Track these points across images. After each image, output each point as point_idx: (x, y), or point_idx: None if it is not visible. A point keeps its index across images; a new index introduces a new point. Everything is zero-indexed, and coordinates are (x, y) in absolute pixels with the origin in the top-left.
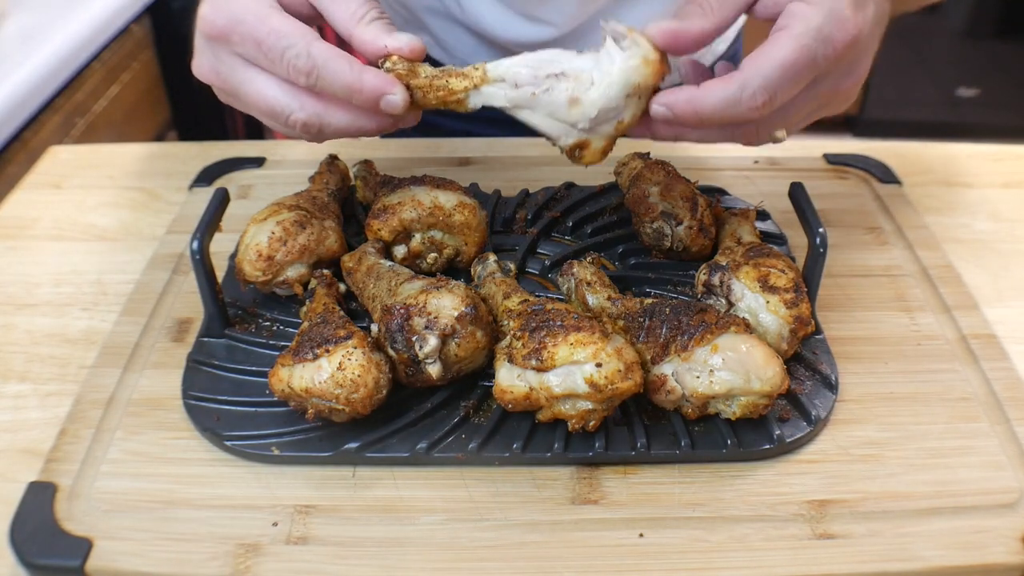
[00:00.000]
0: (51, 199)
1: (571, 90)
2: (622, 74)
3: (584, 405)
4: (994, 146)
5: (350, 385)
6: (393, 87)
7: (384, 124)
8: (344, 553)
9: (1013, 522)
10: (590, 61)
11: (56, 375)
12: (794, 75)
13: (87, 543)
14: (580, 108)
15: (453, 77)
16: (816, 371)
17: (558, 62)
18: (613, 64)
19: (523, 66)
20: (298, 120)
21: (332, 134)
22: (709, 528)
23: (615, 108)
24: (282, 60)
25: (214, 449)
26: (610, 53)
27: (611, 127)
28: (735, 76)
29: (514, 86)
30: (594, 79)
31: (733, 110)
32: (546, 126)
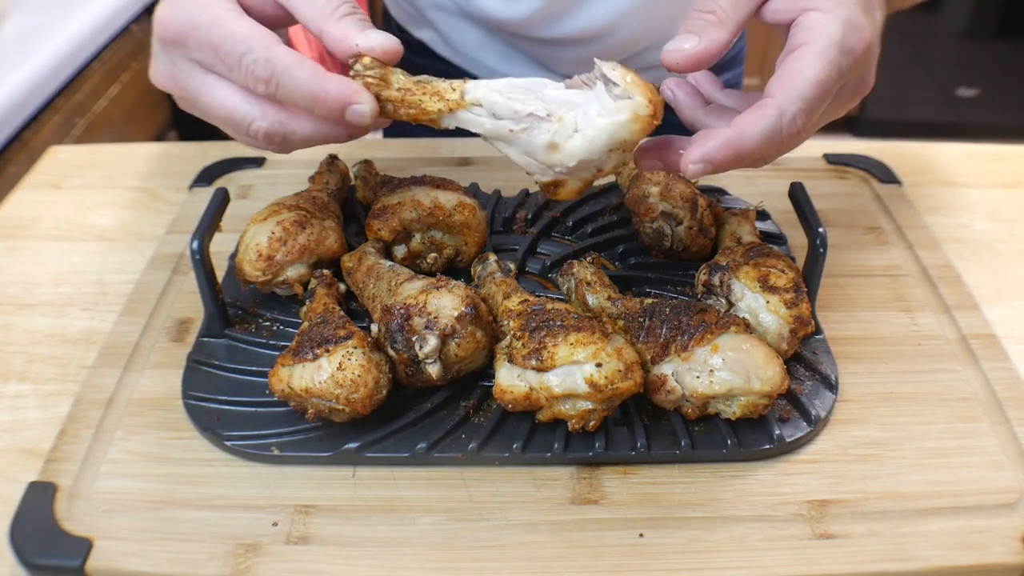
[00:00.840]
0: (51, 199)
1: (552, 134)
2: (608, 130)
3: (584, 405)
4: (994, 146)
5: (350, 385)
6: (359, 96)
7: (353, 132)
8: (344, 553)
9: (1013, 522)
10: (578, 98)
11: (56, 375)
12: (826, 92)
13: (87, 543)
14: (558, 155)
15: (428, 96)
16: (816, 371)
17: (542, 96)
18: (600, 116)
19: (503, 95)
20: (260, 129)
21: (297, 144)
22: (709, 528)
23: (596, 160)
24: (240, 66)
25: (214, 449)
26: (599, 99)
27: (589, 174)
28: (768, 104)
29: (491, 115)
30: (578, 125)
31: (774, 140)
32: (522, 162)
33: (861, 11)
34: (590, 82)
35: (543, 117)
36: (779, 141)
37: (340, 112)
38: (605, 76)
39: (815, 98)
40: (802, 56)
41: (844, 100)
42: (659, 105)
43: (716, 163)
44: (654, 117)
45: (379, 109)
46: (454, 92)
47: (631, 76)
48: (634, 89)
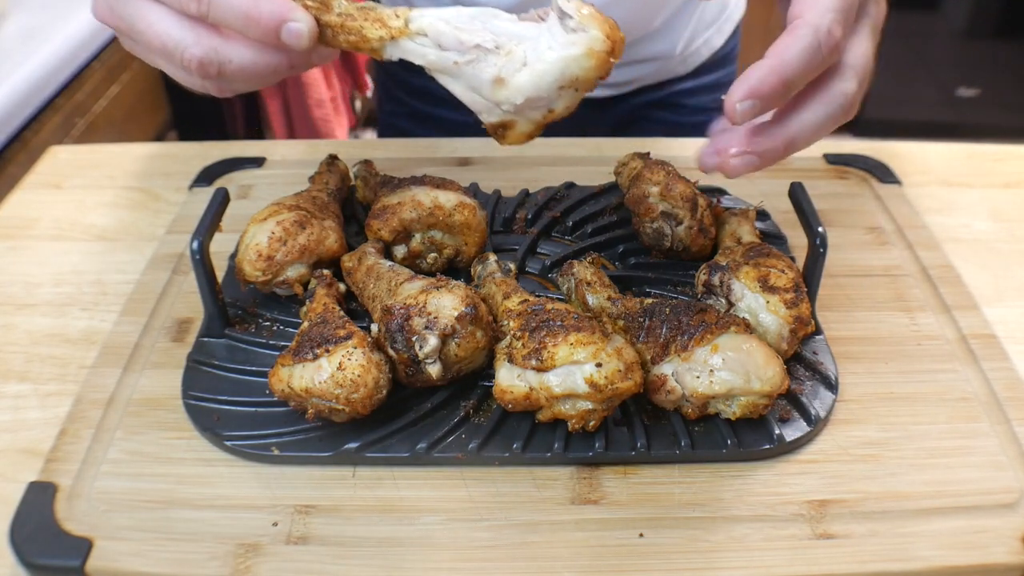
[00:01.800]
0: (51, 199)
1: (499, 68)
2: (558, 64)
3: (584, 405)
4: (994, 146)
5: (350, 385)
6: (294, 13)
7: (294, 61)
8: (344, 553)
9: (1013, 522)
10: (530, 31)
11: (56, 375)
12: (851, 2)
13: (87, 543)
14: (505, 91)
15: (369, 22)
16: (816, 371)
17: (491, 27)
18: (551, 49)
19: (450, 24)
20: (193, 57)
21: (234, 74)
22: (709, 528)
23: (545, 98)
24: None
25: (214, 449)
26: (552, 32)
27: (539, 114)
28: (799, 24)
29: (437, 46)
30: (527, 59)
31: (816, 57)
32: (467, 99)
33: None
34: (545, 16)
35: (491, 49)
36: (821, 58)
37: (275, 32)
38: (560, 8)
39: (845, 8)
40: None
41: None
42: (618, 42)
43: (764, 95)
44: (611, 54)
45: (318, 33)
46: (398, 19)
47: (588, 8)
48: (590, 22)
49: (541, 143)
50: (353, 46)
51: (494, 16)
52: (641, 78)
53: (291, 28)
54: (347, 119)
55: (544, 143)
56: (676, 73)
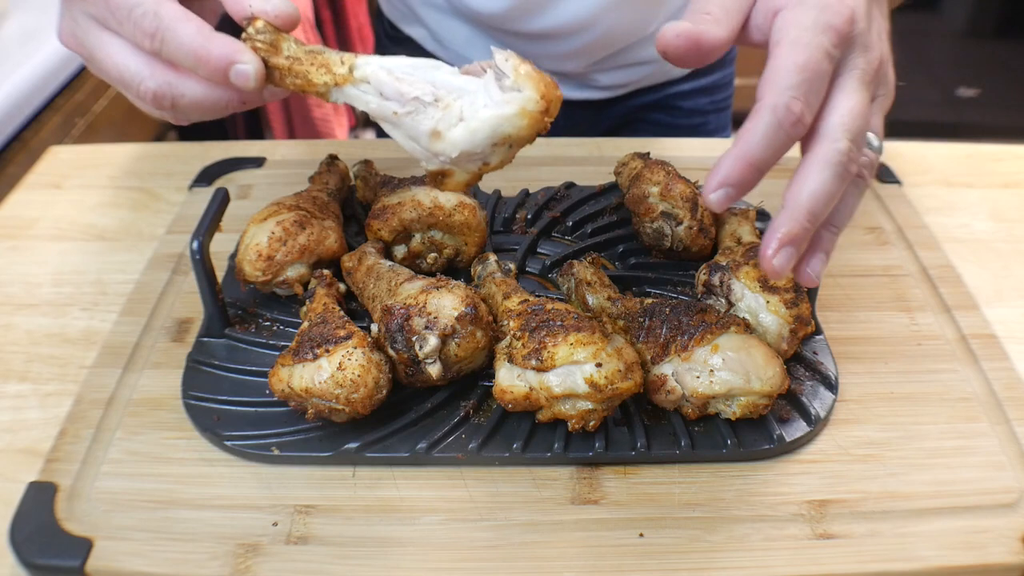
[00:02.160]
0: (51, 199)
1: (436, 121)
2: (491, 122)
3: (584, 405)
4: (994, 146)
5: (350, 385)
6: (242, 56)
7: (245, 97)
8: (344, 553)
9: (1013, 522)
10: (470, 85)
11: (56, 375)
12: (814, 73)
13: (87, 543)
14: (441, 143)
15: (315, 67)
16: (816, 371)
17: (432, 79)
18: (485, 107)
19: (392, 75)
20: (148, 90)
21: (187, 107)
22: (709, 528)
23: (479, 153)
24: (129, 19)
25: (214, 449)
26: (488, 89)
27: (475, 166)
28: (759, 106)
29: (379, 95)
30: (463, 114)
31: (778, 135)
32: (408, 146)
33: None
34: (488, 68)
35: (429, 102)
36: (784, 135)
37: (224, 73)
38: (497, 66)
39: (803, 81)
40: (778, 52)
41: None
42: (553, 101)
43: (734, 182)
44: (546, 114)
45: (265, 74)
46: (343, 66)
47: (525, 68)
48: (525, 82)
49: (541, 143)
50: (300, 88)
51: (435, 68)
52: (637, 80)
53: (239, 70)
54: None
55: (544, 143)
56: (672, 76)
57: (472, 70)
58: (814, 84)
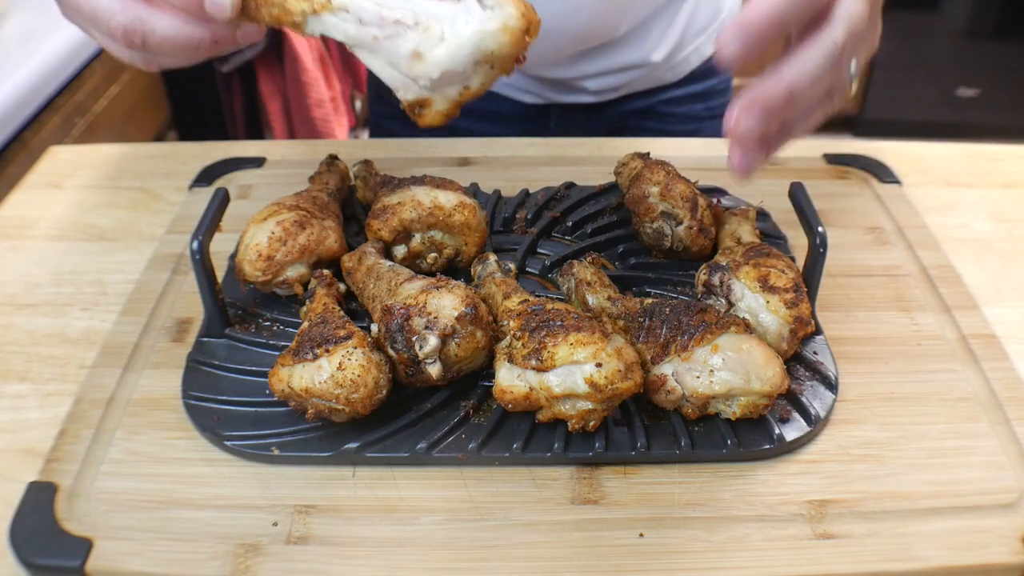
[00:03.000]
0: (51, 199)
1: (417, 42)
2: (474, 38)
3: (584, 405)
4: (994, 146)
5: (350, 385)
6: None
7: (218, 34)
8: (344, 553)
9: (1013, 522)
10: (449, 10)
11: (56, 375)
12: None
13: (87, 543)
14: (422, 65)
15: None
16: (816, 371)
17: (412, 5)
18: (467, 25)
19: (372, 0)
20: (119, 25)
21: (158, 45)
22: (709, 528)
23: (461, 73)
24: None
25: (214, 449)
26: (469, 10)
27: (455, 91)
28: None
29: (358, 21)
30: (444, 34)
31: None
32: (386, 75)
33: None
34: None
35: (410, 25)
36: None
37: (198, 3)
38: None
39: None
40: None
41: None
42: (533, 21)
43: (754, 29)
44: (527, 32)
45: (241, 4)
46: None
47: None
48: (506, 1)
49: (541, 142)
50: (276, 20)
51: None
52: (625, 85)
53: (214, 0)
54: (347, 119)
55: (544, 143)
56: (663, 81)
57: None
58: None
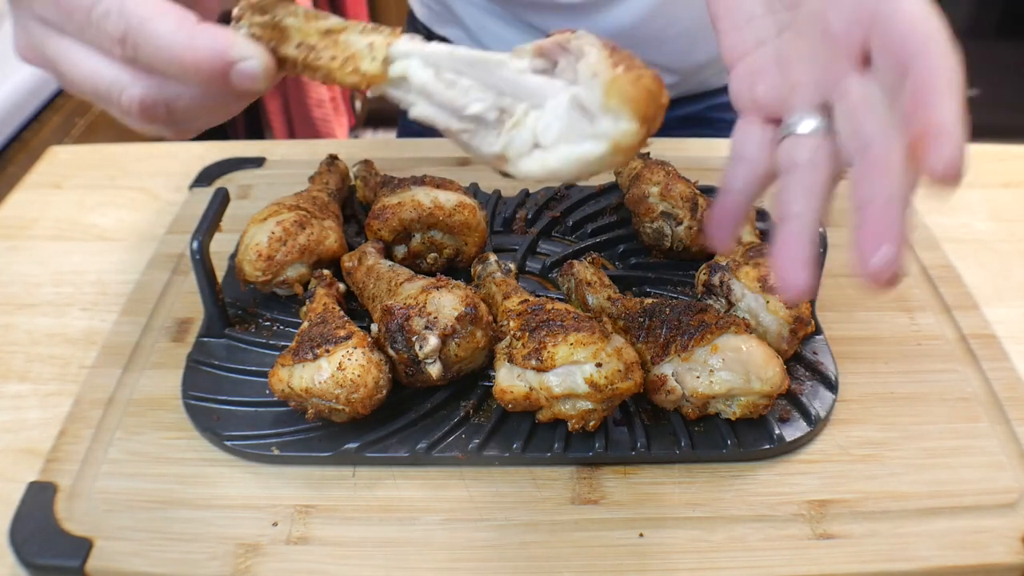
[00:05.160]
0: (51, 199)
1: (503, 145)
2: (574, 164)
3: (584, 405)
4: (994, 146)
5: (350, 385)
6: (240, 49)
7: (256, 94)
8: (344, 553)
9: (1013, 522)
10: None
11: (56, 375)
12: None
13: (87, 543)
14: (510, 167)
15: (338, 62)
16: (816, 371)
17: (492, 83)
18: (566, 142)
19: (439, 74)
20: (133, 99)
21: (188, 112)
22: (709, 528)
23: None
24: (89, 23)
25: (214, 449)
26: (569, 110)
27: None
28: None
29: (425, 98)
30: (538, 137)
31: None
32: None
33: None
34: (566, 61)
35: (491, 120)
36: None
37: (221, 75)
38: (582, 76)
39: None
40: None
41: None
42: (658, 116)
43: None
44: (645, 140)
45: (275, 64)
46: (372, 60)
47: (619, 80)
48: (621, 106)
49: None
50: (324, 82)
51: (499, 65)
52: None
53: (242, 70)
54: (347, 119)
55: None
56: (708, 86)
57: (548, 50)
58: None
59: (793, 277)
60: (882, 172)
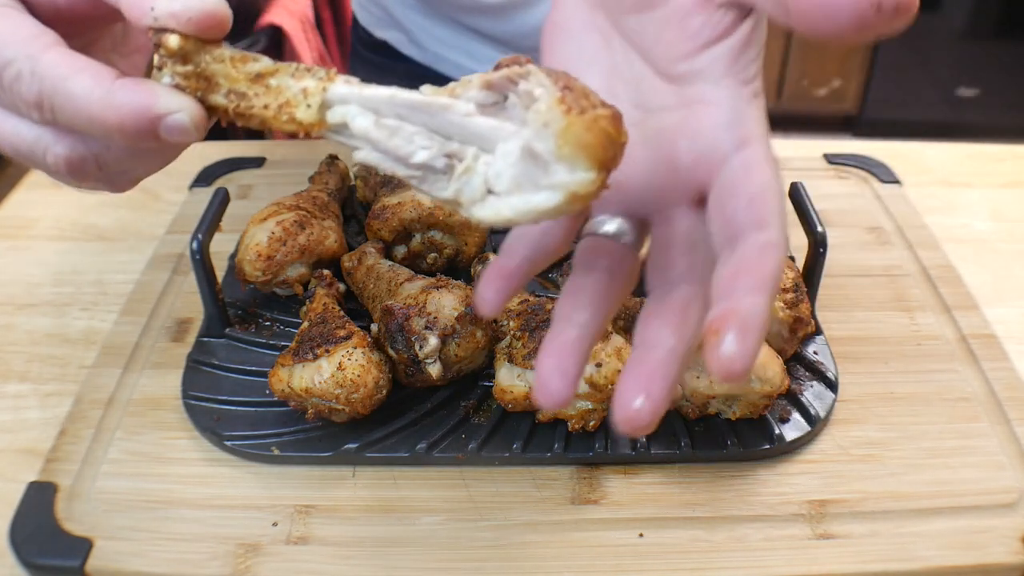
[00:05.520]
0: (51, 199)
1: (455, 192)
2: (528, 214)
3: (584, 405)
4: (994, 146)
5: (350, 385)
6: (164, 101)
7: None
8: (344, 553)
9: (1013, 522)
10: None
11: (56, 375)
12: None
13: (87, 543)
14: (464, 212)
15: (271, 110)
16: (816, 371)
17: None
18: (518, 191)
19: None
20: (59, 160)
21: (120, 164)
22: (709, 528)
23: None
24: (1, 87)
25: (214, 449)
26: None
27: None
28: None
29: (368, 141)
30: (490, 182)
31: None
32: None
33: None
34: (515, 97)
35: (440, 168)
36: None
37: (149, 131)
38: (532, 118)
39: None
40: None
41: None
42: (614, 160)
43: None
44: (604, 185)
45: (205, 114)
46: (308, 107)
47: (573, 125)
48: (574, 153)
49: None
50: (263, 128)
51: (444, 109)
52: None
53: (171, 124)
54: None
55: None
56: None
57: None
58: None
59: (551, 386)
60: (675, 322)
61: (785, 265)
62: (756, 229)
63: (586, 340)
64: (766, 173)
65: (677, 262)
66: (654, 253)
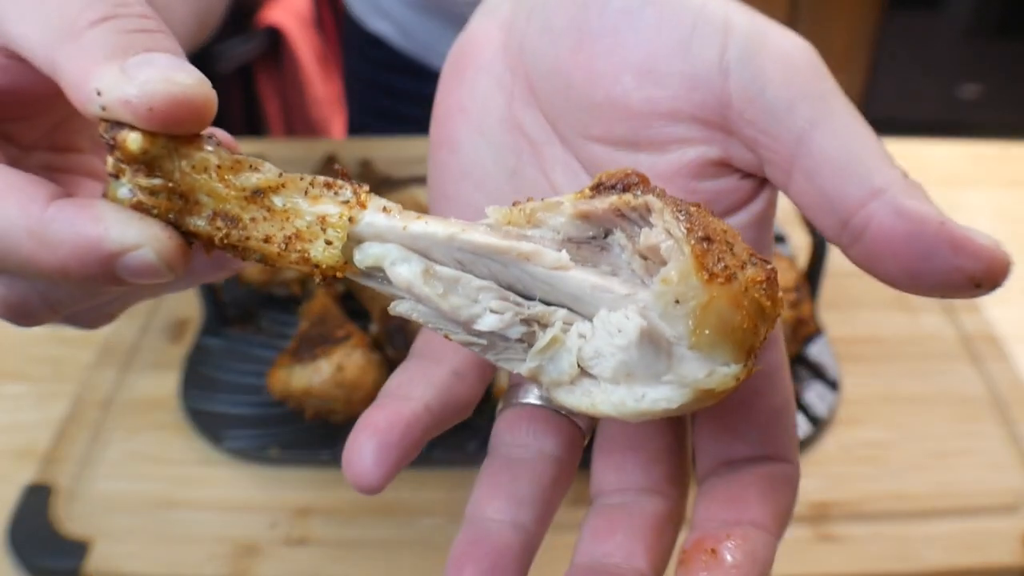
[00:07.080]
0: None
1: (535, 368)
2: (636, 413)
3: None
4: (996, 145)
5: (349, 385)
6: (121, 236)
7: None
8: (343, 554)
9: (1015, 523)
10: (597, 294)
11: (53, 375)
12: None
13: (85, 545)
14: (540, 388)
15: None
16: (817, 371)
17: (514, 281)
18: (626, 388)
19: (430, 272)
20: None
21: (88, 311)
22: None
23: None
24: None
25: (212, 450)
26: (640, 341)
27: None
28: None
29: (415, 302)
30: (591, 364)
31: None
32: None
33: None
34: (626, 238)
35: (514, 339)
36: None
37: (102, 273)
38: (659, 280)
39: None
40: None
41: None
42: (764, 340)
43: None
44: (749, 375)
45: (183, 243)
46: (329, 247)
47: (717, 302)
48: (715, 343)
49: None
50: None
51: (524, 259)
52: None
53: (132, 264)
54: None
55: None
56: None
57: (595, 218)
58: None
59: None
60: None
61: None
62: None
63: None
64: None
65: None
66: (599, 474)
